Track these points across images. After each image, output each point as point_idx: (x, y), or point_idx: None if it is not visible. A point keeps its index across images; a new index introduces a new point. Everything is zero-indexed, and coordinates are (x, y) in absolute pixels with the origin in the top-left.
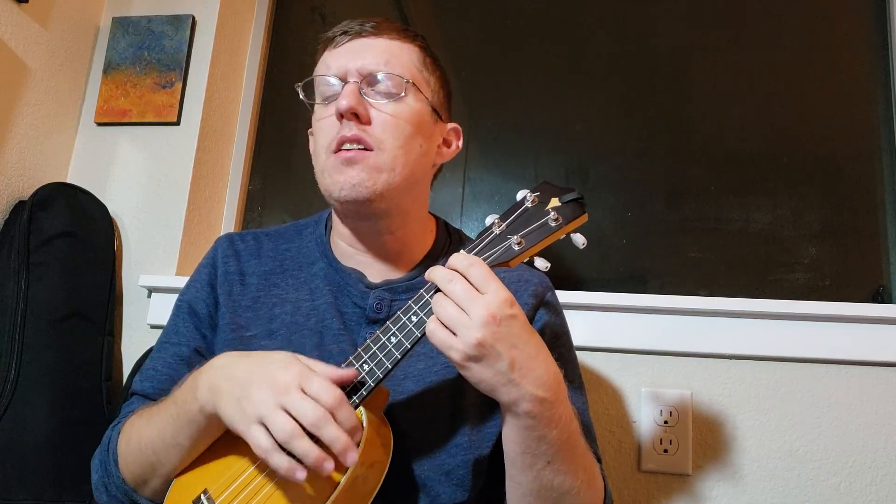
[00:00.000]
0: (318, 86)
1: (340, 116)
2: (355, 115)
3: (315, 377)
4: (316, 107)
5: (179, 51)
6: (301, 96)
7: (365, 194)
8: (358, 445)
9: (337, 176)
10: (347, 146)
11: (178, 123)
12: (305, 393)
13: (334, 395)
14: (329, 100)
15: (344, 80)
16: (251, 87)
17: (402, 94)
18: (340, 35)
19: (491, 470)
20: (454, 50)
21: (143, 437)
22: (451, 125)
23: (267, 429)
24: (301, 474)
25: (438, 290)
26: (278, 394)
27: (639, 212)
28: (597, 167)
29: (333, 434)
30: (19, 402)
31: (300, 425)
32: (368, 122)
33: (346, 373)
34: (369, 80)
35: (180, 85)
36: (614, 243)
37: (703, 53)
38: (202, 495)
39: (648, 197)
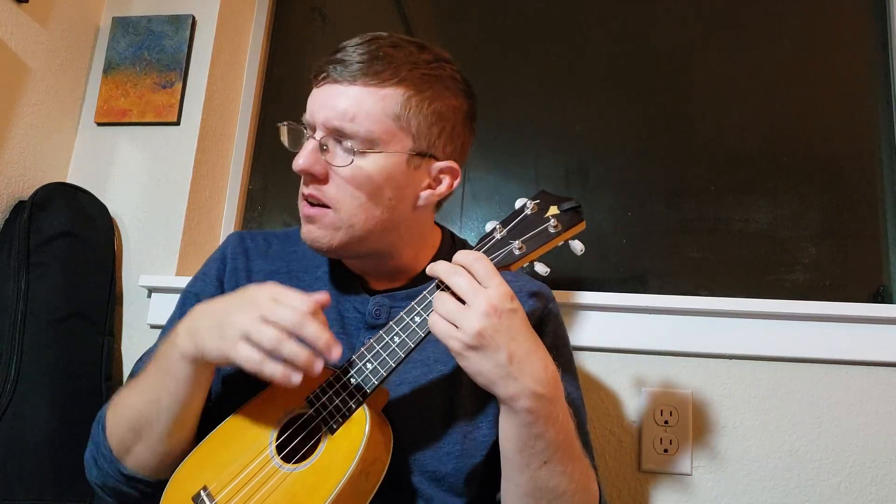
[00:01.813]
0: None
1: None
2: (311, 175)
3: (287, 290)
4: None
5: (179, 51)
6: (283, 140)
7: (324, 248)
8: (361, 442)
9: (302, 227)
10: (309, 200)
11: (178, 123)
12: (280, 302)
13: (308, 301)
14: (305, 144)
15: (313, 130)
16: (251, 87)
17: (366, 152)
18: (320, 74)
19: (485, 477)
20: (454, 50)
21: (128, 401)
22: (442, 164)
23: (253, 343)
24: (297, 377)
25: (440, 289)
26: (255, 308)
27: (639, 212)
28: (597, 167)
29: (316, 330)
30: (19, 402)
31: (283, 331)
32: (325, 181)
33: (318, 296)
34: (334, 135)
35: (180, 85)
36: (614, 243)
37: (703, 53)
38: (202, 491)
39: (648, 197)
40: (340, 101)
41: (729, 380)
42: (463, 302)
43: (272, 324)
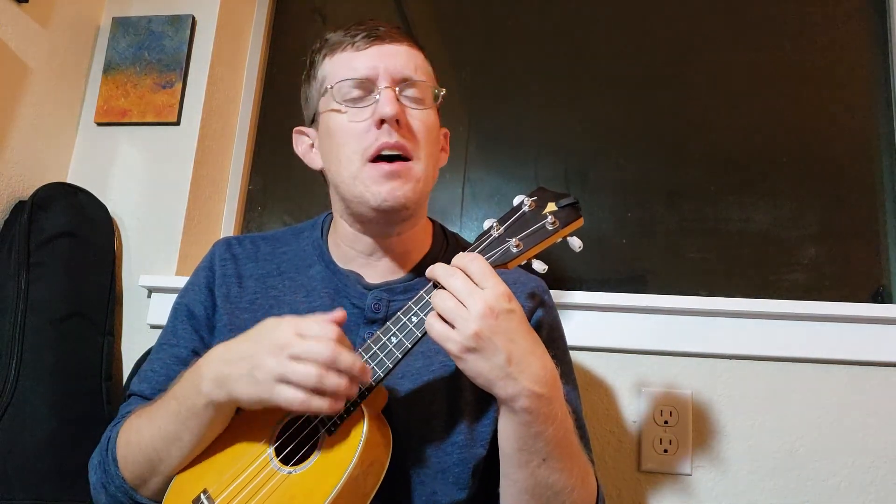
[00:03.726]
0: (339, 88)
1: (380, 122)
2: (396, 122)
3: (307, 321)
4: (336, 109)
5: (179, 51)
6: (336, 103)
7: (407, 205)
8: (359, 444)
9: (377, 187)
10: (387, 153)
11: (178, 123)
12: (305, 338)
13: (332, 329)
14: (356, 103)
15: (372, 84)
16: (251, 87)
17: (431, 102)
18: (361, 39)
19: (488, 469)
20: (454, 50)
21: (143, 435)
22: (444, 130)
23: (293, 384)
24: (341, 405)
25: (437, 288)
26: (283, 349)
27: (639, 212)
28: (597, 167)
29: (350, 360)
30: (19, 401)
31: (320, 366)
32: (408, 130)
33: (335, 314)
34: (401, 86)
35: (180, 85)
36: (614, 243)
37: (703, 53)
38: (202, 495)
39: (648, 197)
40: (401, 55)
41: (729, 380)
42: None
43: (307, 361)
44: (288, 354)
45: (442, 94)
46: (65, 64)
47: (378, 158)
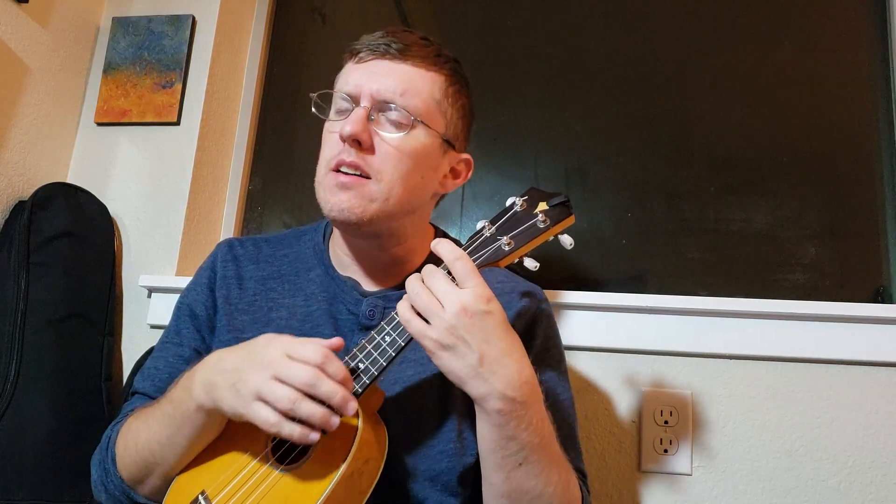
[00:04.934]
0: (334, 98)
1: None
2: (357, 143)
3: (298, 342)
4: (330, 115)
5: (179, 51)
6: (313, 109)
7: (353, 220)
8: (353, 442)
9: (329, 196)
10: (344, 169)
11: (178, 123)
12: (293, 359)
13: (320, 352)
14: (340, 115)
15: (356, 101)
16: (251, 87)
17: (411, 128)
18: (365, 51)
19: (478, 477)
20: (454, 50)
21: (139, 437)
22: (463, 156)
23: (269, 404)
24: (315, 436)
25: None
26: (269, 367)
27: (639, 212)
28: (596, 168)
29: (330, 388)
30: (19, 401)
31: (297, 391)
32: (371, 151)
33: (332, 342)
34: (381, 106)
35: (180, 85)
36: (614, 243)
37: (703, 53)
38: (199, 496)
39: (648, 197)
40: (392, 75)
41: (729, 380)
42: None
43: (286, 384)
44: (271, 374)
45: (415, 119)
46: (65, 64)
47: (339, 172)
